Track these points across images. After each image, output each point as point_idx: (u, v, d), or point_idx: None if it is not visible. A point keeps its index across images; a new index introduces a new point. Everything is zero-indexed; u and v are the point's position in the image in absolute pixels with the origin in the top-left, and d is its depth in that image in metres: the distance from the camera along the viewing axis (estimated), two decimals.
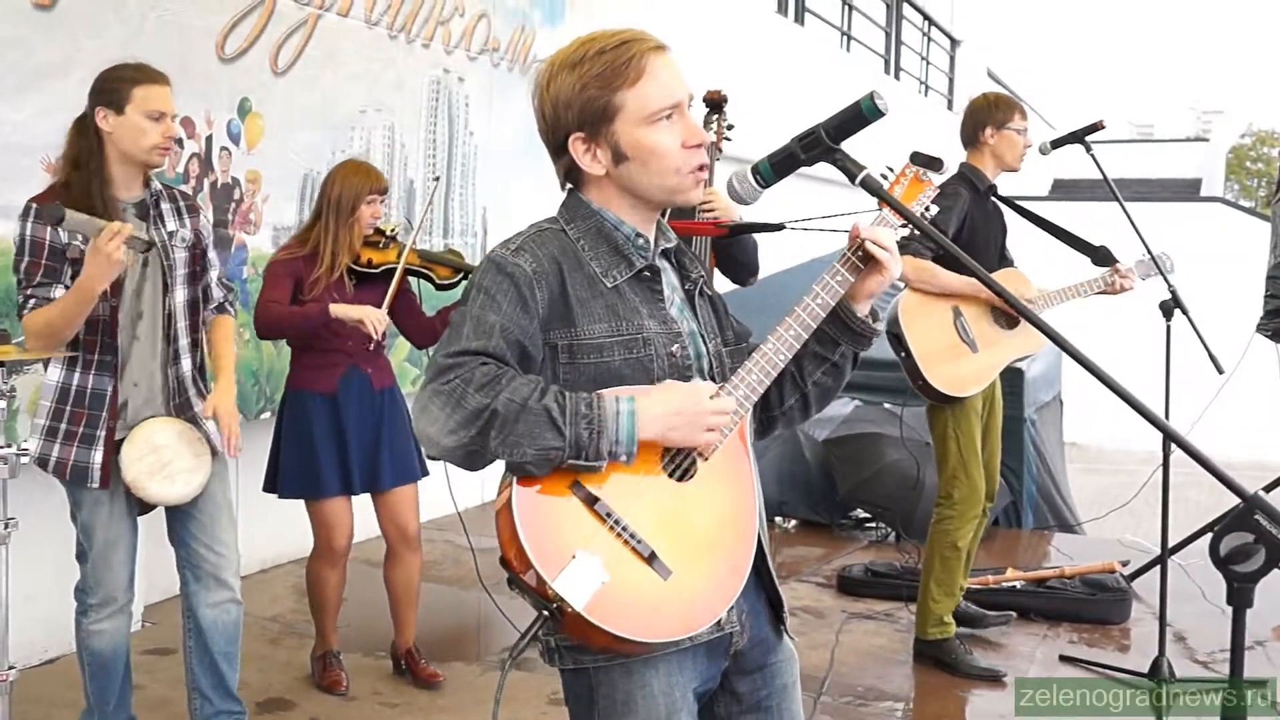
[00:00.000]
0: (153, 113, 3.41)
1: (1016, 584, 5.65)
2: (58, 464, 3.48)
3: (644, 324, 2.05)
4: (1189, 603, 5.50)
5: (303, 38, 5.54)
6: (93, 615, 3.58)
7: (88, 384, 3.47)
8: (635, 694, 2.03)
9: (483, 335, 1.93)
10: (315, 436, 4.34)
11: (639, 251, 2.10)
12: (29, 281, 3.34)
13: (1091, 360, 1.87)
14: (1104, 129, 4.80)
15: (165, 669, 4.60)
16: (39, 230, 3.34)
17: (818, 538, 7.04)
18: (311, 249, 4.33)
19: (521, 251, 2.02)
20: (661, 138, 2.03)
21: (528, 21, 7.23)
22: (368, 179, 4.38)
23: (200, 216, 3.71)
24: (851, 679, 4.81)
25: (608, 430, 1.89)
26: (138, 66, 3.48)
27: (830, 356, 2.21)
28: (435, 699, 4.52)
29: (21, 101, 4.27)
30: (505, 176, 7.04)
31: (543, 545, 1.89)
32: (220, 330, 3.79)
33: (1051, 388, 8.22)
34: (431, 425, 1.89)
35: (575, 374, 2.01)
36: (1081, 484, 8.92)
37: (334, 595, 4.56)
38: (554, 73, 2.04)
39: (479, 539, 4.82)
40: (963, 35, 19.67)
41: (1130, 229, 4.70)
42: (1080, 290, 4.82)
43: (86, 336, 3.43)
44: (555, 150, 2.10)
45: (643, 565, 1.93)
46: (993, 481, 5.00)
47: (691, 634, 1.98)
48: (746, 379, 2.06)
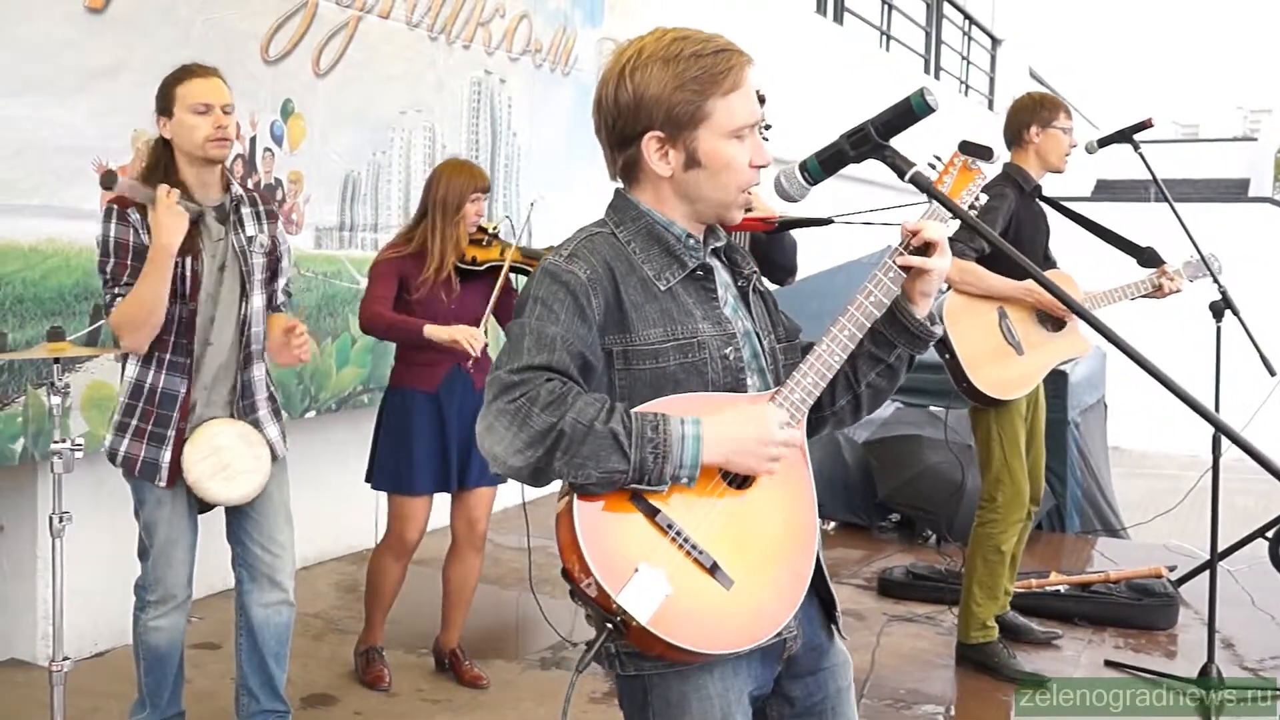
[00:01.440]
0: (197, 106, 3.42)
1: (1061, 588, 5.60)
2: (126, 459, 3.53)
3: (698, 327, 2.04)
4: (1237, 609, 5.45)
5: (344, 40, 5.57)
6: (151, 611, 3.62)
7: (160, 383, 3.51)
8: (690, 696, 2.02)
9: (545, 349, 1.91)
10: (414, 433, 4.39)
11: (690, 251, 2.08)
12: (115, 281, 3.39)
13: (1147, 358, 1.86)
14: (1152, 127, 4.75)
15: (211, 663, 4.64)
16: (122, 231, 3.38)
17: (858, 540, 7.01)
18: (418, 247, 4.36)
19: (575, 259, 2.00)
20: (738, 152, 2.03)
21: (569, 22, 7.23)
22: (472, 178, 4.41)
23: (278, 223, 3.75)
24: (893, 682, 4.79)
25: (672, 455, 1.88)
26: (184, 66, 3.52)
27: (886, 358, 2.19)
28: (476, 696, 4.54)
29: (73, 103, 4.31)
30: (549, 177, 7.05)
31: (606, 559, 1.88)
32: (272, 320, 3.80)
33: (1095, 391, 8.16)
34: (498, 444, 1.87)
35: (631, 380, 2.00)
36: (1125, 488, 8.84)
37: (392, 588, 4.60)
38: (641, 62, 2.00)
39: (518, 538, 4.83)
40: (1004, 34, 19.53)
41: (1176, 230, 4.65)
42: (1126, 292, 4.77)
43: (163, 336, 3.47)
44: (620, 141, 2.06)
45: (705, 576, 1.93)
46: (1038, 485, 4.97)
47: (756, 644, 1.98)
48: (802, 382, 2.04)
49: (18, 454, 4.25)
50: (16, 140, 4.16)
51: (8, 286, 4.16)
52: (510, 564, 5.22)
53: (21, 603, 4.69)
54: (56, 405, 3.37)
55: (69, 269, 4.28)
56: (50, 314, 4.29)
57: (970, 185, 2.17)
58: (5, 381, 4.19)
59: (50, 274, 4.29)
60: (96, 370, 4.42)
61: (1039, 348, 4.69)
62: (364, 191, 5.77)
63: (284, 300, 3.87)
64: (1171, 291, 4.76)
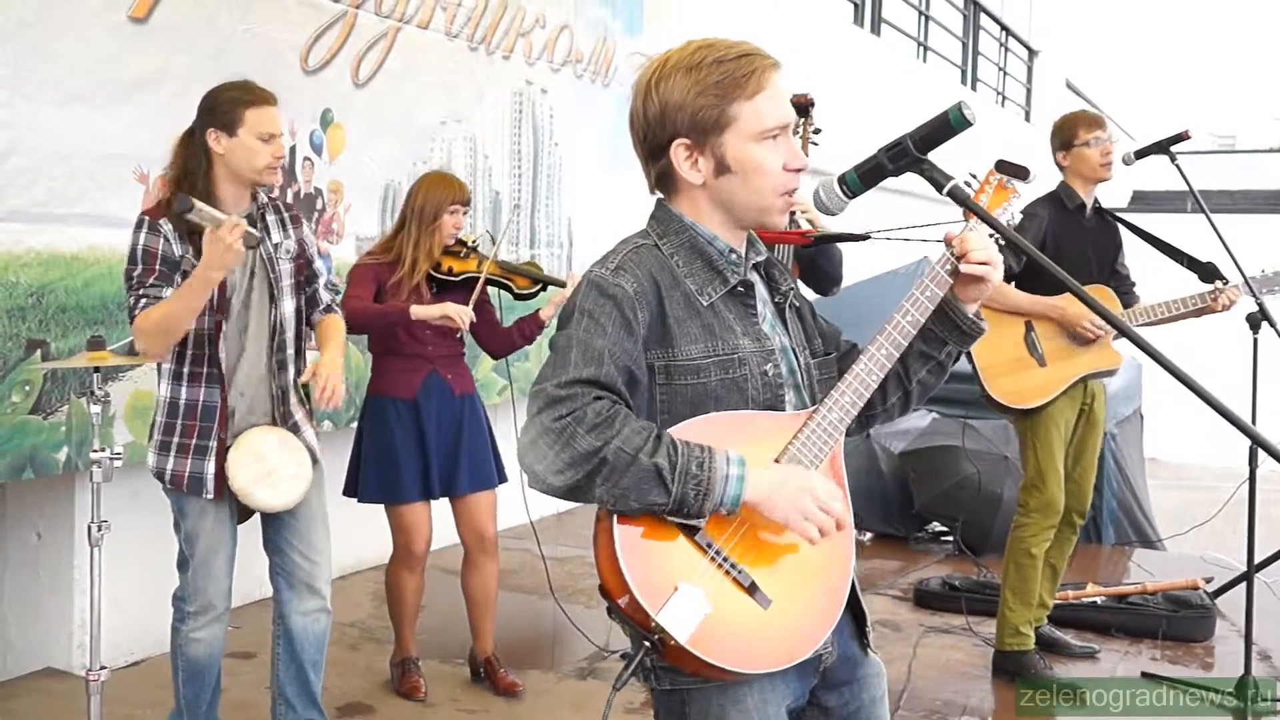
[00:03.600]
0: (264, 134, 3.46)
1: (1097, 600, 5.58)
2: (174, 476, 3.54)
3: (739, 343, 2.04)
4: (1275, 620, 5.41)
5: (383, 50, 5.62)
6: (190, 623, 3.62)
7: (198, 397, 3.53)
8: (729, 709, 2.02)
9: (592, 363, 1.90)
10: (396, 442, 4.40)
11: (732, 267, 2.08)
12: (141, 284, 3.38)
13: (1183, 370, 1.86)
14: (1189, 139, 4.76)
15: (247, 672, 4.67)
16: (151, 241, 3.40)
17: (894, 550, 6.99)
18: (395, 256, 4.42)
19: (621, 271, 1.99)
20: (768, 156, 2.02)
21: (609, 33, 7.26)
22: (450, 190, 4.46)
23: (304, 227, 3.77)
24: (929, 693, 4.77)
25: (714, 493, 1.88)
26: (248, 87, 3.52)
27: (937, 355, 2.21)
28: (512, 706, 4.54)
29: (115, 112, 4.37)
30: (591, 188, 7.08)
31: (645, 577, 1.88)
32: (328, 322, 3.81)
33: (1132, 402, 8.12)
34: (539, 462, 1.86)
35: (671, 395, 2.00)
36: (1161, 499, 8.77)
37: (412, 600, 4.61)
38: (666, 72, 2.01)
39: (552, 548, 4.84)
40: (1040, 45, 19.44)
41: (1213, 241, 4.63)
42: (1179, 306, 4.74)
43: (193, 350, 3.49)
44: (652, 153, 2.07)
45: (744, 596, 1.93)
46: (1083, 497, 4.98)
47: (795, 663, 1.98)
48: (840, 401, 2.05)
49: (61, 463, 4.30)
50: (61, 150, 4.22)
51: (50, 295, 4.22)
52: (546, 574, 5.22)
53: (58, 612, 4.72)
54: (96, 414, 3.41)
55: (110, 277, 4.31)
56: (92, 323, 4.33)
57: (1005, 204, 2.17)
58: (49, 390, 4.24)
59: (92, 282, 4.34)
60: (140, 380, 4.46)
61: (1064, 359, 4.73)
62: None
63: (333, 298, 3.87)
64: (1225, 308, 4.73)
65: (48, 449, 4.24)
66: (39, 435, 4.21)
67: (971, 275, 2.10)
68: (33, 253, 4.17)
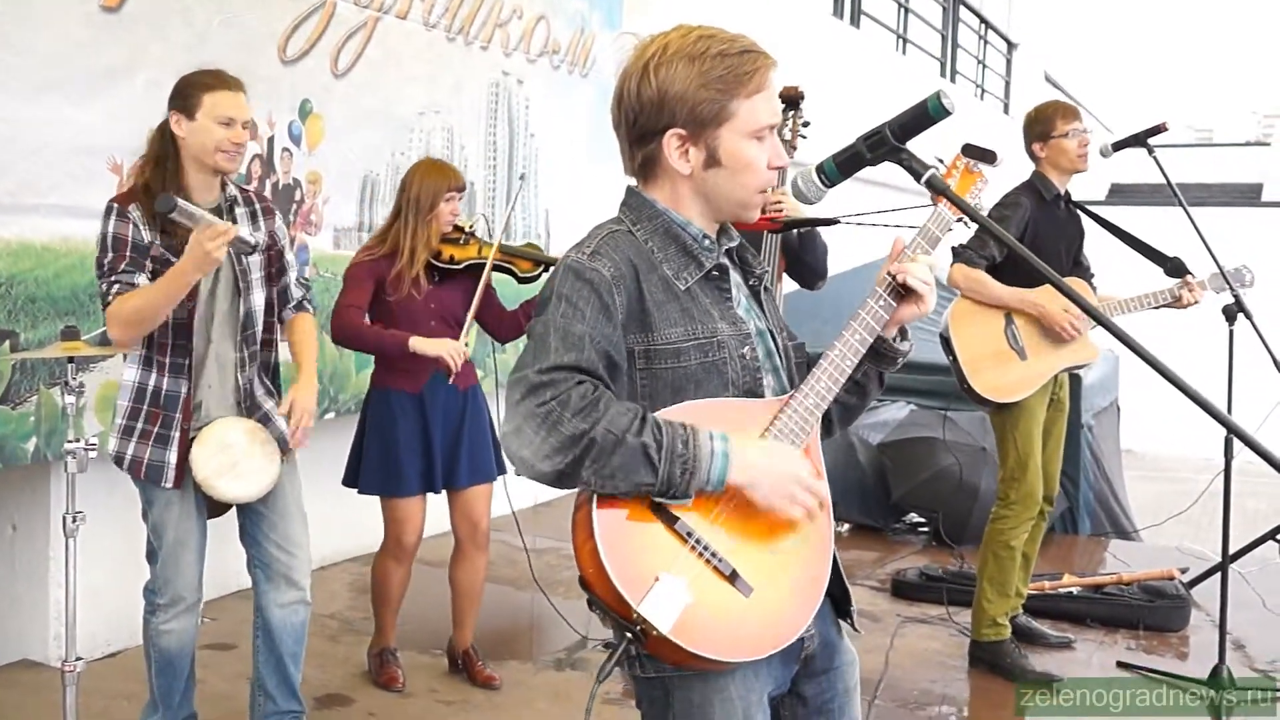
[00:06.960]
0: (222, 118, 3.42)
1: (1073, 590, 5.61)
2: (133, 462, 3.52)
3: (717, 326, 2.04)
4: (1248, 610, 5.45)
5: (362, 40, 5.59)
6: (161, 615, 3.61)
7: (163, 385, 3.51)
8: (713, 699, 2.01)
9: (573, 348, 1.90)
10: (399, 435, 4.38)
11: (706, 251, 2.08)
12: (113, 271, 3.36)
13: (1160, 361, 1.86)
14: (1166, 131, 4.78)
15: (224, 664, 4.65)
16: (121, 227, 3.38)
17: (871, 541, 7.01)
18: (391, 247, 4.36)
19: (598, 256, 1.99)
20: (758, 154, 2.03)
21: (587, 24, 7.24)
22: (445, 177, 4.42)
23: (275, 218, 3.74)
24: (906, 683, 4.79)
25: (700, 472, 1.88)
26: (214, 73, 3.50)
27: (853, 375, 2.13)
28: (490, 697, 4.54)
29: (88, 103, 4.33)
30: (568, 179, 7.06)
31: (626, 568, 1.87)
32: (300, 327, 3.80)
33: (1108, 394, 8.16)
34: (525, 448, 1.86)
35: (653, 380, 2.00)
36: (1138, 491, 8.84)
37: (397, 591, 4.60)
38: (666, 58, 1.99)
39: (533, 539, 4.84)
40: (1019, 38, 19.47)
41: (1190, 234, 4.65)
42: (1145, 301, 4.77)
43: (161, 339, 3.47)
44: (640, 137, 2.05)
45: (725, 584, 1.93)
46: (1051, 484, 4.98)
47: (777, 650, 1.98)
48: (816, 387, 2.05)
49: (29, 453, 4.27)
50: (33, 141, 4.18)
51: (20, 286, 4.18)
52: (524, 565, 5.22)
53: (33, 603, 4.70)
54: (70, 404, 3.37)
55: (83, 268, 4.27)
56: (63, 313, 4.30)
57: (973, 188, 2.18)
58: (18, 381, 4.21)
59: (64, 273, 4.31)
60: (111, 370, 4.42)
61: (1043, 353, 4.74)
62: (383, 192, 5.77)
63: (304, 294, 3.85)
64: (1191, 304, 4.77)
65: (16, 439, 4.21)
66: (7, 425, 4.19)
67: (912, 294, 2.09)
68: (2, 243, 4.13)
